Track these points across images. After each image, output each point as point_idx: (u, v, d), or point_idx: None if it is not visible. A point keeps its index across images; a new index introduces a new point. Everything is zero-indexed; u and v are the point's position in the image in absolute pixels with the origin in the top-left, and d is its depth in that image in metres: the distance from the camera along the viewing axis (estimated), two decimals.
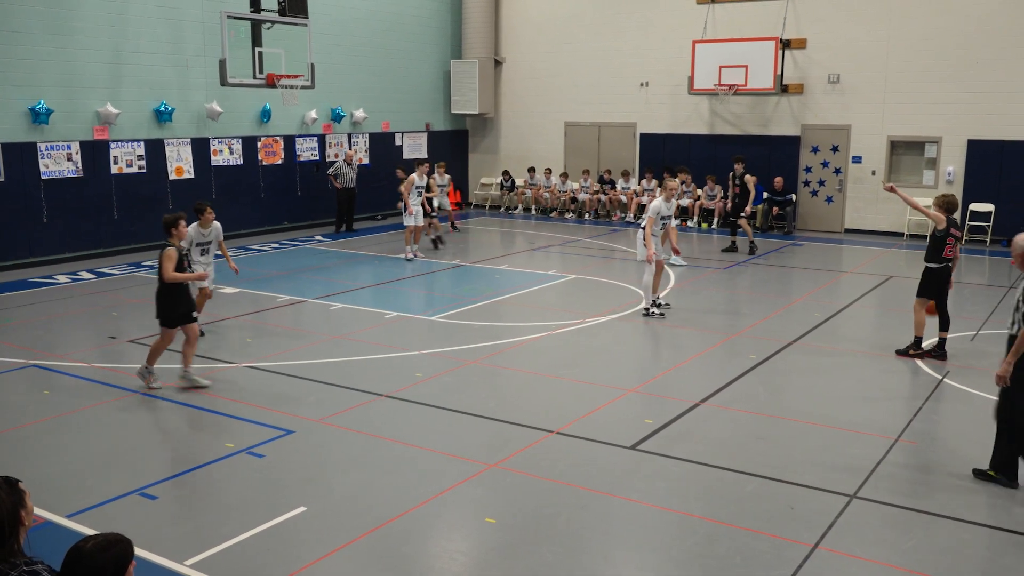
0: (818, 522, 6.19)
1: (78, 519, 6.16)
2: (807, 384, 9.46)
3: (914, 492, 6.74)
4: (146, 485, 6.76)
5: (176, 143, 17.87)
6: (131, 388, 9.08)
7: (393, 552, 5.81)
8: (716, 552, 5.79)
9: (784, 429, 8.05)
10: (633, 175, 22.63)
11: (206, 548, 5.78)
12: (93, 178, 16.55)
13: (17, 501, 3.21)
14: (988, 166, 18.68)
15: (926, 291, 10.08)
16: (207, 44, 17.91)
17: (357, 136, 22.02)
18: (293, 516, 6.25)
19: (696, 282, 14.61)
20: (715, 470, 7.11)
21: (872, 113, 19.74)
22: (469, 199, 25.70)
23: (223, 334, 11.44)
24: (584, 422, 8.15)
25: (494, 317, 12.35)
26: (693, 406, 8.58)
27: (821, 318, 12.16)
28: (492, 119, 25.03)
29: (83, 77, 16.25)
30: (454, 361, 10.06)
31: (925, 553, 5.85)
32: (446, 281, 14.81)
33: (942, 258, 9.90)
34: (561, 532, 6.05)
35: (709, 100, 21.50)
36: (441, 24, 24.16)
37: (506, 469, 7.09)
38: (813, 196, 20.82)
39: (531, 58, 24.05)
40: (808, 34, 20.16)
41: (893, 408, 8.58)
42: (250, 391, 9.02)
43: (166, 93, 17.59)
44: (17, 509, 3.20)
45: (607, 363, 10.12)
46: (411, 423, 8.22)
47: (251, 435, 7.80)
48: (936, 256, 9.92)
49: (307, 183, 20.59)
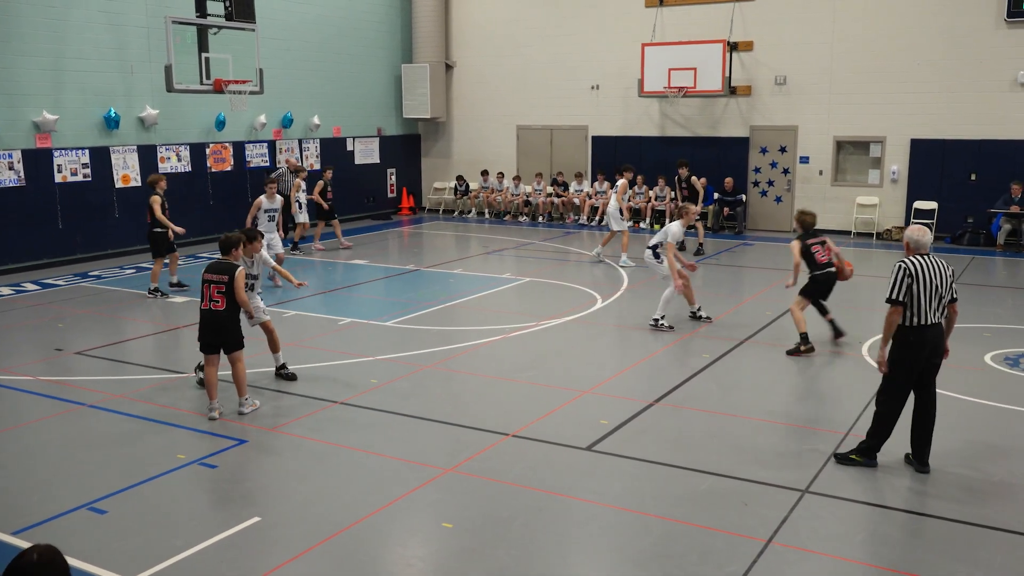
0: (772, 517, 6.27)
1: (24, 535, 6.01)
2: (759, 381, 9.59)
3: (864, 485, 6.86)
4: (95, 499, 6.62)
5: (122, 151, 17.56)
6: (78, 401, 8.89)
7: (350, 559, 5.76)
8: (672, 550, 5.83)
9: (737, 426, 8.15)
10: (586, 177, 22.75)
11: (158, 562, 5.68)
12: (36, 187, 16.20)
13: None
14: (931, 165, 19.12)
15: (807, 293, 10.85)
16: (152, 50, 17.63)
17: (308, 142, 21.83)
18: (247, 526, 6.17)
19: (649, 283, 14.71)
20: (670, 469, 7.18)
21: (818, 114, 20.10)
22: (423, 203, 25.62)
23: (175, 344, 11.27)
24: (540, 424, 8.17)
25: (449, 321, 12.32)
26: (648, 406, 8.65)
27: (772, 316, 12.33)
28: (444, 123, 24.99)
29: (23, 84, 15.89)
30: (409, 366, 10.02)
31: (876, 545, 5.97)
32: (400, 286, 14.75)
33: (819, 264, 10.77)
34: (518, 535, 6.05)
35: (659, 102, 21.70)
36: (391, 28, 24.07)
37: (462, 473, 7.07)
38: (763, 196, 21.12)
39: (482, 62, 24.07)
40: (755, 36, 20.47)
41: (843, 403, 8.73)
42: (202, 401, 8.88)
43: (111, 100, 17.27)
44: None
45: (562, 365, 10.15)
46: (366, 429, 8.16)
47: (203, 445, 7.68)
48: (813, 265, 10.80)
49: (258, 190, 20.31)
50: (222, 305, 8.24)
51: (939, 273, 6.84)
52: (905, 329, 6.86)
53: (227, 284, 8.22)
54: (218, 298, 8.25)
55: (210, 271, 8.36)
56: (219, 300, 8.25)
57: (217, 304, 8.26)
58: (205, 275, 8.36)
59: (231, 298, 8.23)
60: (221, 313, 8.26)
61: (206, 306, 8.32)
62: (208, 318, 8.32)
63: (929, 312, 6.81)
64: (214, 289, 8.27)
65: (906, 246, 7.10)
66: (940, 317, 6.91)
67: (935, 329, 6.87)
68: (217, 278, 8.26)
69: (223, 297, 8.23)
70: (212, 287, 8.28)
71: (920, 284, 6.78)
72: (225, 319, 8.28)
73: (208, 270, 8.39)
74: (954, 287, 6.97)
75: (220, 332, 8.33)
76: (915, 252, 6.99)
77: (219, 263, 8.41)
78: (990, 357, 10.23)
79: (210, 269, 8.38)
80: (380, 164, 24.02)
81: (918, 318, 6.81)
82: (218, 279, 8.26)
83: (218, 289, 8.24)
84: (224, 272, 8.27)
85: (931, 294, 6.79)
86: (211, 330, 8.34)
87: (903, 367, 6.92)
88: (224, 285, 8.23)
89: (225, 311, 8.26)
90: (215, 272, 8.32)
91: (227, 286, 8.22)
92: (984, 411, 8.54)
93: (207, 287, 8.31)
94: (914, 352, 6.86)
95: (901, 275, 6.82)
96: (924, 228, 7.16)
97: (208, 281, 8.31)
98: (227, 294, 8.22)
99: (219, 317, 8.26)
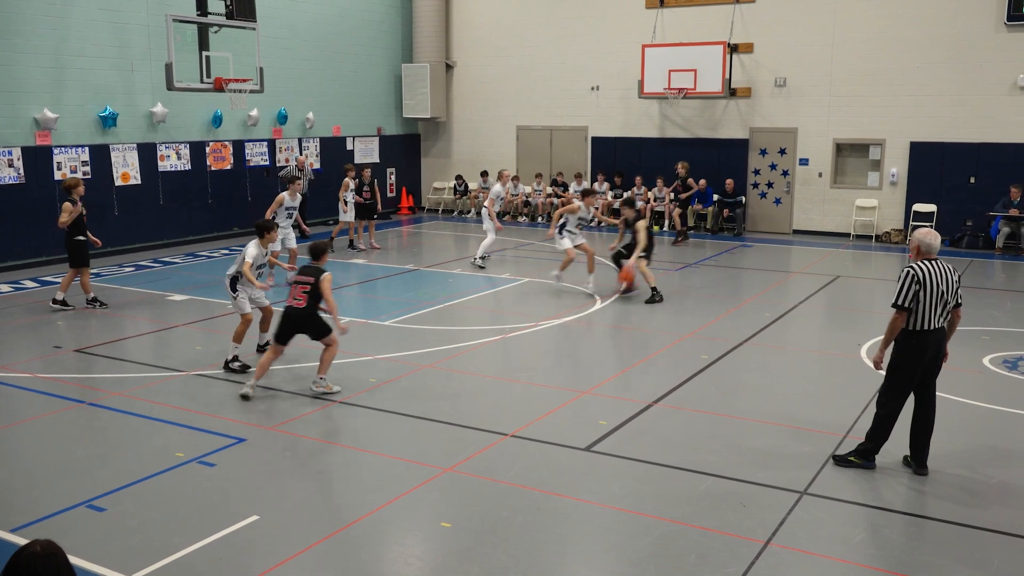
0: (770, 519, 6.27)
1: (23, 532, 6.01)
2: (758, 383, 9.59)
3: (863, 487, 6.87)
4: (94, 496, 6.62)
5: (122, 148, 17.54)
6: (77, 398, 8.89)
7: (348, 558, 5.76)
8: (671, 551, 5.83)
9: (736, 428, 8.15)
10: (585, 178, 22.76)
11: (156, 560, 5.68)
12: (36, 184, 16.19)
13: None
14: (930, 167, 19.13)
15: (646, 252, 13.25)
16: (153, 48, 17.62)
17: (308, 140, 21.83)
18: (246, 525, 6.17)
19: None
20: (669, 470, 7.18)
21: (818, 116, 20.11)
22: (422, 203, 25.63)
23: (172, 342, 11.27)
24: (539, 424, 8.17)
25: (448, 321, 12.32)
26: (647, 407, 8.65)
27: (771, 318, 12.34)
28: (444, 123, 24.99)
29: (24, 82, 15.88)
30: (408, 366, 10.02)
31: (875, 547, 5.97)
32: (399, 286, 14.75)
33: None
34: (517, 535, 6.05)
35: (659, 104, 21.71)
36: (391, 28, 24.07)
37: (461, 473, 7.07)
38: (762, 198, 21.13)
39: (482, 62, 24.07)
40: (755, 38, 20.48)
41: (841, 405, 8.73)
42: (200, 399, 8.89)
43: (111, 98, 17.27)
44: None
45: (561, 366, 10.15)
46: (365, 429, 8.17)
47: (202, 444, 7.68)
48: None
49: (257, 188, 20.34)
50: (303, 303, 8.88)
51: (946, 279, 6.80)
52: (908, 333, 6.85)
53: (312, 285, 8.85)
54: (301, 297, 8.89)
55: (300, 273, 9.08)
56: (301, 299, 8.89)
57: (299, 302, 8.90)
58: (295, 276, 9.09)
59: (313, 298, 8.87)
60: (302, 310, 8.90)
61: (289, 303, 8.99)
62: (289, 313, 8.99)
63: (933, 318, 6.78)
64: (300, 289, 8.93)
65: (916, 249, 6.99)
66: (943, 322, 6.90)
67: (938, 334, 6.86)
68: (304, 279, 8.94)
69: (306, 296, 8.87)
70: (299, 287, 8.95)
71: (926, 290, 6.73)
72: (304, 315, 8.92)
73: (299, 272, 9.14)
74: (959, 292, 6.94)
75: (298, 326, 9.00)
76: (924, 256, 6.91)
77: (308, 267, 9.12)
78: (989, 360, 10.24)
79: (300, 271, 9.11)
80: (380, 163, 24.01)
81: (922, 323, 6.78)
82: (305, 280, 8.94)
83: (303, 289, 8.89)
84: (311, 275, 8.93)
85: (936, 300, 6.76)
86: (288, 324, 9.00)
87: (904, 370, 6.92)
88: (310, 286, 8.87)
89: (305, 308, 8.89)
90: (304, 274, 9.02)
91: (312, 287, 8.85)
92: (983, 414, 8.55)
93: (294, 287, 8.99)
94: (916, 356, 6.85)
95: (909, 281, 6.77)
96: (934, 232, 7.06)
97: (296, 282, 9.00)
98: (310, 294, 8.85)
99: (299, 313, 8.91)
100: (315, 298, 8.86)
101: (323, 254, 9.27)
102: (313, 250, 9.28)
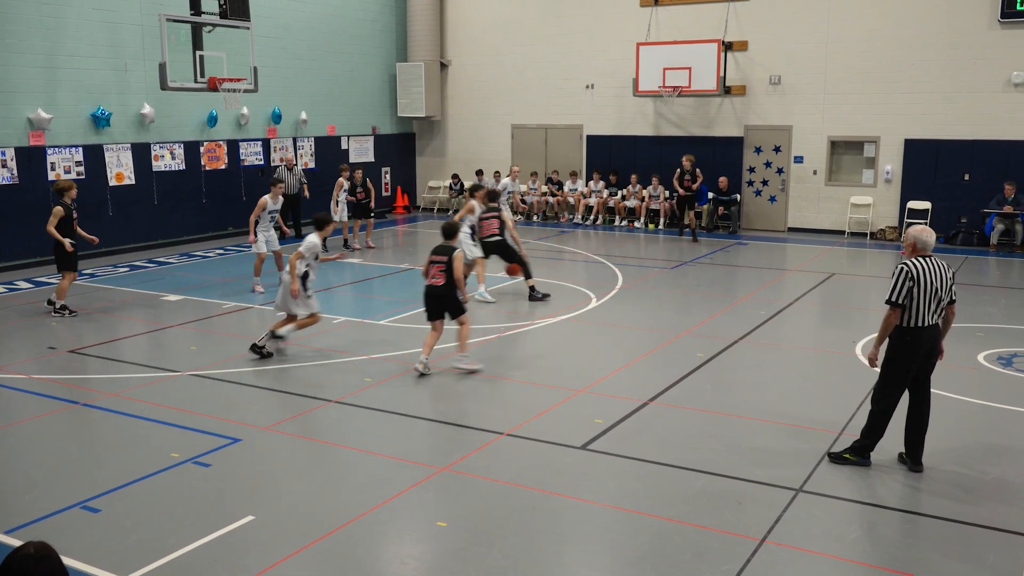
0: (766, 516, 6.28)
1: (17, 534, 5.99)
2: (754, 381, 9.60)
3: (858, 484, 6.88)
4: (89, 497, 6.60)
5: (116, 148, 17.50)
6: (71, 399, 8.87)
7: (344, 558, 5.75)
8: (667, 550, 5.84)
9: (731, 425, 8.16)
10: (581, 177, 22.76)
11: (152, 560, 5.66)
12: (29, 185, 16.15)
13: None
14: (925, 165, 19.16)
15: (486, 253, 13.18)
16: (146, 47, 17.58)
17: (302, 140, 21.79)
18: (241, 525, 6.15)
19: (643, 281, 14.74)
20: (665, 468, 7.18)
21: (812, 114, 20.12)
22: (417, 202, 25.61)
23: (167, 342, 11.24)
24: (534, 423, 8.16)
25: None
26: (642, 405, 8.65)
27: (766, 315, 12.35)
28: (439, 122, 24.97)
29: (16, 82, 15.83)
30: (403, 365, 10.01)
31: (870, 544, 5.98)
32: (394, 285, 14.73)
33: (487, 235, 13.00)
34: (513, 534, 6.05)
35: (654, 102, 21.71)
36: (386, 27, 24.03)
37: (457, 472, 7.07)
38: (757, 196, 21.15)
39: (477, 61, 24.05)
40: (749, 36, 20.48)
41: (836, 402, 8.74)
42: (195, 399, 8.87)
43: (104, 98, 17.22)
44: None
45: (557, 364, 10.15)
46: (360, 428, 8.16)
47: (197, 444, 7.66)
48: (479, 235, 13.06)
49: (252, 188, 20.29)
50: (442, 280, 9.44)
51: (940, 276, 6.82)
52: (902, 330, 6.86)
53: (447, 264, 9.39)
54: (439, 275, 9.45)
55: (434, 252, 9.56)
56: (440, 277, 9.45)
57: (438, 280, 9.47)
58: (431, 256, 9.56)
59: (450, 275, 9.40)
60: (441, 288, 9.46)
61: (429, 282, 9.54)
62: (431, 292, 9.55)
63: (927, 314, 6.80)
64: (436, 268, 9.48)
65: (911, 246, 6.98)
66: (937, 319, 6.91)
67: (932, 330, 6.88)
68: (439, 258, 9.47)
69: (443, 275, 9.43)
70: (435, 266, 9.49)
71: (920, 287, 6.75)
72: (445, 292, 9.46)
73: (433, 252, 9.58)
74: (953, 289, 6.97)
75: (441, 303, 9.53)
76: (919, 253, 6.92)
77: (441, 246, 9.60)
78: (983, 357, 10.26)
79: (434, 251, 9.58)
80: (375, 163, 23.99)
81: (916, 320, 6.80)
82: (439, 259, 9.47)
83: (439, 268, 9.44)
84: (445, 253, 9.46)
85: (930, 297, 6.78)
86: (433, 301, 9.57)
87: (899, 367, 6.93)
88: (444, 264, 9.41)
89: (444, 286, 9.45)
90: (438, 254, 9.52)
91: (447, 265, 9.38)
92: (977, 410, 8.57)
93: (431, 266, 9.51)
94: (910, 353, 6.87)
95: (902, 278, 6.79)
96: (929, 229, 7.04)
97: (433, 261, 9.52)
98: (447, 272, 9.41)
99: (439, 291, 9.48)
100: (451, 274, 9.40)
101: (456, 233, 9.79)
102: (445, 230, 9.76)
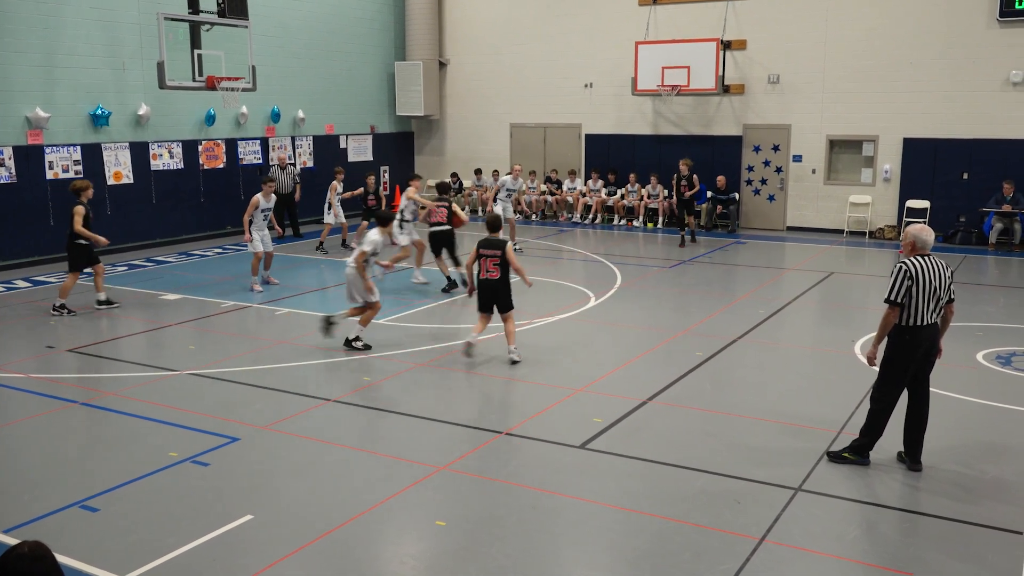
0: (764, 515, 6.28)
1: (16, 533, 5.98)
2: (752, 380, 9.60)
3: (857, 483, 6.88)
4: (87, 497, 6.60)
5: (114, 147, 17.48)
6: (70, 398, 8.86)
7: (342, 558, 5.75)
8: (666, 549, 5.83)
9: (730, 425, 8.16)
10: (579, 176, 22.75)
11: (150, 560, 5.66)
12: (28, 184, 16.13)
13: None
14: (923, 164, 19.16)
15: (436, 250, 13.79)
16: (144, 46, 17.55)
17: (301, 139, 21.78)
18: (240, 524, 6.15)
19: (642, 280, 14.73)
20: (664, 467, 7.18)
21: (811, 112, 20.12)
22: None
23: (166, 341, 11.23)
24: (533, 422, 8.16)
25: (442, 319, 12.31)
26: (641, 404, 8.65)
27: (765, 314, 12.34)
28: (438, 121, 24.96)
29: (14, 81, 15.81)
30: (402, 364, 10.00)
31: (869, 543, 5.98)
32: (394, 284, 14.72)
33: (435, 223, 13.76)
34: (512, 533, 6.04)
35: (653, 101, 21.70)
36: (384, 26, 24.02)
37: (456, 471, 7.06)
38: (756, 195, 21.14)
39: (476, 60, 24.03)
40: (748, 35, 20.48)
41: (835, 401, 8.74)
42: (194, 399, 8.86)
43: (102, 96, 17.20)
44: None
45: (556, 363, 10.14)
46: (359, 427, 8.16)
47: (195, 443, 7.65)
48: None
49: (251, 187, 20.25)
50: (497, 274, 9.73)
51: (939, 275, 6.81)
52: (901, 329, 6.86)
53: (500, 257, 9.64)
54: (493, 269, 9.73)
55: (484, 247, 9.78)
56: (495, 271, 9.74)
57: (492, 273, 9.74)
58: (480, 250, 9.81)
59: (504, 268, 9.67)
60: (496, 281, 9.76)
61: (483, 276, 9.79)
62: (485, 286, 9.84)
63: (926, 313, 6.80)
64: (490, 262, 9.74)
65: (911, 245, 6.97)
66: (936, 317, 6.91)
67: (930, 329, 6.88)
68: (491, 252, 9.72)
69: (498, 268, 9.70)
70: (488, 260, 9.75)
71: (919, 286, 6.75)
72: (499, 285, 9.77)
73: (482, 246, 9.81)
74: (952, 288, 6.97)
75: (495, 296, 9.81)
76: (918, 252, 6.92)
77: (490, 239, 9.83)
78: (982, 355, 10.26)
79: (483, 245, 9.80)
80: (373, 162, 23.97)
81: (914, 319, 6.80)
82: (492, 253, 9.73)
83: (493, 262, 9.70)
84: (496, 247, 9.71)
85: (929, 296, 6.78)
86: (487, 294, 9.83)
87: (897, 366, 6.93)
88: (498, 258, 9.67)
89: (499, 279, 9.74)
90: (488, 248, 9.76)
91: (500, 258, 9.64)
92: (976, 409, 8.57)
93: (483, 260, 9.77)
94: (909, 352, 6.87)
95: (901, 277, 6.79)
96: (928, 228, 7.05)
97: (484, 255, 9.77)
98: (501, 265, 9.65)
99: (494, 284, 9.77)
100: (505, 267, 9.63)
101: (501, 226, 9.99)
102: (490, 224, 10.00)
